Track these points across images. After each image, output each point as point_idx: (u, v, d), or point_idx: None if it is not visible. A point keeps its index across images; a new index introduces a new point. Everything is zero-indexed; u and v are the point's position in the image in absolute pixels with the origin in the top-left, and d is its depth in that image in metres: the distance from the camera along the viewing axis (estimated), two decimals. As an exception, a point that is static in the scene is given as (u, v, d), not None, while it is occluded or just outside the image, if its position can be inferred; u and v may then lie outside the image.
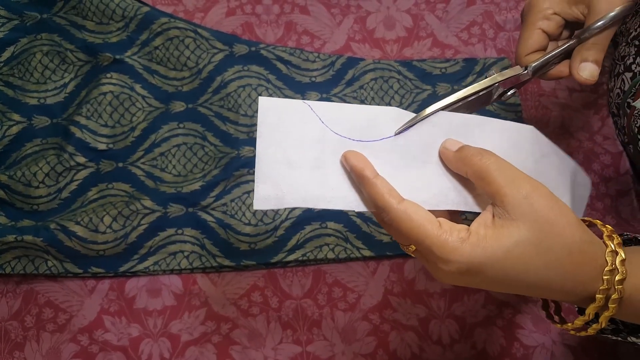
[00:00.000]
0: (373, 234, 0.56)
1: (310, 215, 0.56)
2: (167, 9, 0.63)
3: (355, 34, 0.63)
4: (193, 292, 0.55)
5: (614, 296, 0.30)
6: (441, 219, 0.31)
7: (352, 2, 0.64)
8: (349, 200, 0.34)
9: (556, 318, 0.36)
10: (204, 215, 0.55)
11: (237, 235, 0.55)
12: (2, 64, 0.59)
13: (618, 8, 0.40)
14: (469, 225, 0.31)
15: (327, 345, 0.54)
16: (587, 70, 0.41)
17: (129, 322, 0.54)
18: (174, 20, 0.59)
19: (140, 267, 0.55)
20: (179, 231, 0.55)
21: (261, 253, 0.55)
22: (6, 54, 0.59)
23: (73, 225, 0.53)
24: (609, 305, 0.30)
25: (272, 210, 0.55)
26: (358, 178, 0.32)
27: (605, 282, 0.30)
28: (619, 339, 0.35)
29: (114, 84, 0.58)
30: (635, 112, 0.52)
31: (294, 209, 0.56)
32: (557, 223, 0.30)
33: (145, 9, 0.60)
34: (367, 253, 0.56)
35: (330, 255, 0.55)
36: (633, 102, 0.44)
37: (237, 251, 0.55)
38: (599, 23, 0.41)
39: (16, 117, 0.58)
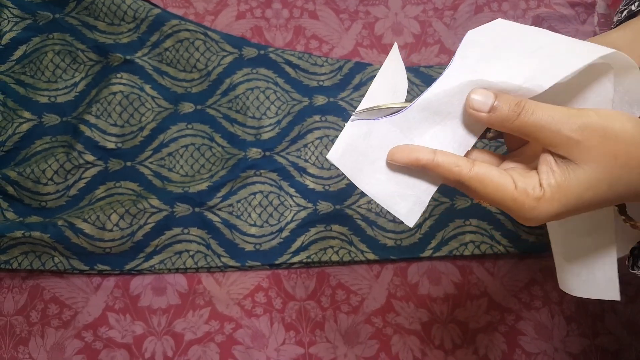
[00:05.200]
0: (377, 237, 0.56)
1: (315, 218, 0.56)
2: (177, 11, 0.63)
3: (364, 39, 0.63)
4: (197, 291, 0.55)
5: None
6: (515, 175, 0.31)
7: (360, 7, 0.64)
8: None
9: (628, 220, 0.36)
10: (210, 216, 0.56)
11: (242, 235, 0.55)
12: (14, 63, 0.60)
13: None
14: None
15: (330, 347, 0.54)
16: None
17: (133, 319, 0.54)
18: (185, 22, 0.60)
19: (146, 265, 0.55)
20: (185, 230, 0.56)
21: (266, 254, 0.55)
22: (18, 53, 0.60)
23: (80, 222, 0.54)
24: None
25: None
26: (420, 168, 0.32)
27: None
28: None
29: (124, 84, 0.59)
30: None
31: (299, 211, 0.56)
32: (618, 152, 0.29)
33: (156, 10, 0.61)
34: (371, 256, 0.56)
35: (335, 258, 0.56)
36: None
37: (242, 252, 0.55)
38: None
39: (27, 114, 0.59)
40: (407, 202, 0.33)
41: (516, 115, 0.30)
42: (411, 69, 0.62)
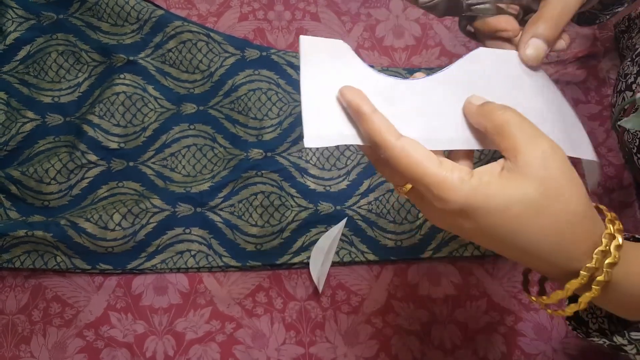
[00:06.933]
0: (378, 238, 0.57)
1: (316, 219, 0.57)
2: (181, 12, 0.64)
3: (365, 41, 0.64)
4: (199, 291, 0.56)
5: (600, 278, 0.29)
6: (442, 158, 0.30)
7: (362, 10, 0.65)
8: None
9: (533, 291, 0.35)
10: (212, 216, 0.56)
11: (243, 236, 0.56)
12: (18, 63, 0.61)
13: None
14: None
15: (330, 347, 0.55)
16: (531, 47, 0.36)
17: (134, 319, 0.55)
18: (188, 24, 0.61)
19: (148, 264, 0.55)
20: (187, 230, 0.56)
21: (267, 254, 0.56)
22: (22, 53, 0.61)
23: (83, 221, 0.54)
24: (593, 287, 0.29)
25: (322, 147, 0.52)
26: (355, 114, 0.31)
27: (594, 260, 0.29)
28: (605, 341, 0.34)
29: (127, 85, 0.59)
30: (626, 130, 0.53)
31: (300, 211, 0.57)
32: (566, 190, 0.28)
33: (160, 12, 0.61)
34: (371, 257, 0.56)
35: (335, 259, 0.56)
36: (620, 121, 0.44)
37: (243, 252, 0.56)
38: None
39: (30, 114, 0.59)
40: (324, 127, 0.31)
41: (502, 110, 0.30)
42: (412, 71, 0.62)
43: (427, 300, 0.56)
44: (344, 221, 0.56)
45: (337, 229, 0.56)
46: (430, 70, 0.62)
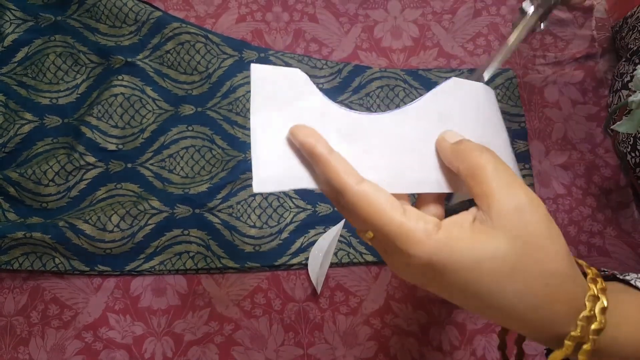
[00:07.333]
0: (376, 239, 0.57)
1: (314, 220, 0.57)
2: (178, 14, 0.64)
3: (363, 42, 0.64)
4: (197, 292, 0.56)
5: (586, 347, 0.26)
6: (407, 206, 0.27)
7: (360, 11, 0.65)
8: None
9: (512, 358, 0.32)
10: (210, 217, 0.56)
11: (242, 237, 0.56)
12: (16, 64, 0.60)
13: None
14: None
15: (329, 348, 0.55)
16: None
17: (133, 320, 0.55)
18: (186, 25, 0.61)
19: (146, 266, 0.55)
20: (185, 232, 0.56)
21: (265, 255, 0.56)
22: (20, 55, 0.61)
23: (81, 223, 0.54)
24: (579, 357, 0.26)
25: (275, 193, 0.54)
26: (309, 156, 0.28)
27: (579, 328, 0.26)
28: None
29: (125, 86, 0.59)
30: (618, 134, 0.53)
31: (299, 212, 0.57)
32: (543, 247, 0.25)
33: (158, 13, 0.61)
34: (369, 258, 0.56)
35: (334, 260, 0.56)
36: (613, 125, 0.44)
37: (241, 253, 0.56)
38: None
39: (28, 116, 0.59)
40: (273, 171, 0.28)
41: (478, 152, 0.27)
42: (410, 72, 0.62)
43: (426, 301, 0.56)
44: (342, 222, 0.56)
45: (336, 230, 0.56)
46: (428, 72, 0.62)
